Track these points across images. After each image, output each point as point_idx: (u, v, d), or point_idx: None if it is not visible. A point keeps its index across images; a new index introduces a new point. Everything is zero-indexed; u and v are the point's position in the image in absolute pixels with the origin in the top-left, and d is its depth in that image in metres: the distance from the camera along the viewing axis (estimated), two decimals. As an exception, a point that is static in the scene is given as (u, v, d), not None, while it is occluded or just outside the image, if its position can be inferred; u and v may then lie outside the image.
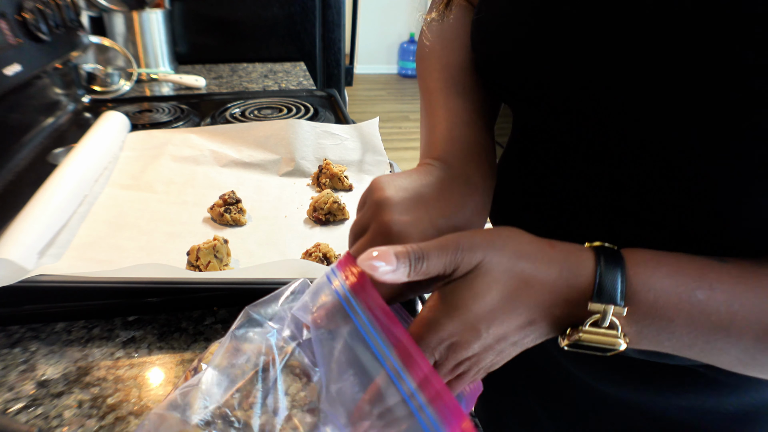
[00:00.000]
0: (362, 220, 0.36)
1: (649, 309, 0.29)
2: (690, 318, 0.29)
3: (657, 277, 0.30)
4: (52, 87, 1.00)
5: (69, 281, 0.51)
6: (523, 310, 0.30)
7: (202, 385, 0.35)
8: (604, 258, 0.30)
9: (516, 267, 0.30)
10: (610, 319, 0.29)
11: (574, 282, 0.30)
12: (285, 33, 1.59)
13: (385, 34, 5.14)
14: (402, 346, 0.30)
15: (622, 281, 0.29)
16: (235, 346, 0.37)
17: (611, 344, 0.30)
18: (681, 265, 0.30)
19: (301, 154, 0.83)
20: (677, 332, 0.30)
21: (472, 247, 0.29)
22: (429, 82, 0.46)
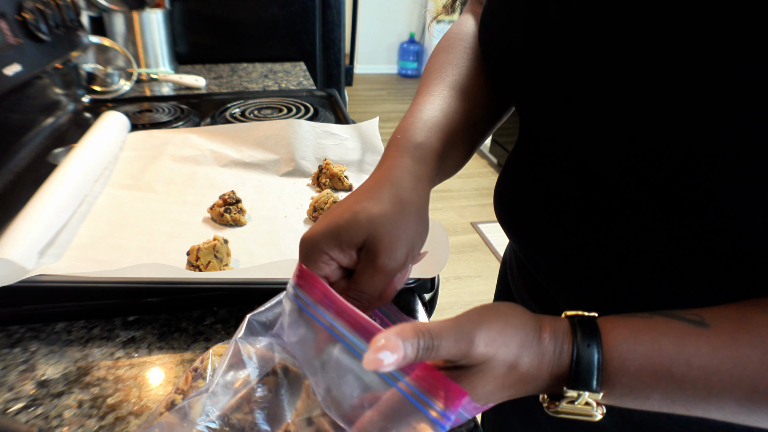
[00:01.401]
0: None
1: (624, 390, 0.31)
2: (665, 395, 0.30)
3: (633, 358, 0.30)
4: (52, 87, 1.00)
5: (69, 281, 0.51)
6: (508, 394, 0.32)
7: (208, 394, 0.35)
8: (581, 337, 0.31)
9: (518, 363, 0.30)
10: (586, 400, 0.31)
11: (556, 371, 0.31)
12: (285, 33, 1.59)
13: (385, 34, 5.14)
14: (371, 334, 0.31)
15: (598, 368, 0.30)
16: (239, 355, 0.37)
17: (587, 415, 0.32)
18: (658, 339, 0.30)
19: (301, 154, 0.83)
20: (655, 405, 0.31)
21: (488, 343, 0.30)
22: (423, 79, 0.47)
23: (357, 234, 0.35)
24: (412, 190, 0.38)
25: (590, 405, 0.31)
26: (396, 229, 0.36)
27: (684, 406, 0.30)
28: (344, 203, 0.37)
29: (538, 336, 0.31)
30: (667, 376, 0.30)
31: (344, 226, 0.35)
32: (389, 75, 5.30)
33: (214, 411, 0.34)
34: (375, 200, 0.36)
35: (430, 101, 0.44)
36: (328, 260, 0.35)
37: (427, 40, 5.04)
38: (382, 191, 0.37)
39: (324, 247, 0.35)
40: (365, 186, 0.38)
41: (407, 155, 0.40)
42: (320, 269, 0.35)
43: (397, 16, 5.06)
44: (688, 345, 0.30)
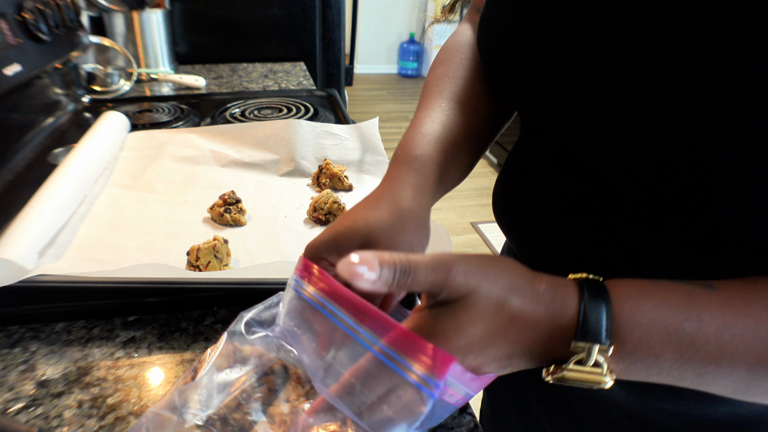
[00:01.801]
0: None
1: (636, 346, 0.29)
2: (678, 352, 0.28)
3: (643, 311, 0.29)
4: (52, 87, 1.00)
5: (69, 281, 0.51)
6: (504, 346, 0.29)
7: (201, 388, 0.35)
8: (588, 293, 0.30)
9: (506, 302, 0.29)
10: (595, 357, 0.29)
11: (558, 321, 0.29)
12: (285, 33, 1.59)
13: (385, 34, 5.14)
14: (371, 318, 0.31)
15: (607, 318, 0.29)
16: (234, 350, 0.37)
17: (596, 382, 0.29)
18: (667, 296, 0.30)
19: (301, 154, 0.83)
20: (666, 366, 0.29)
21: (467, 273, 0.29)
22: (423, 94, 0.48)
23: (354, 239, 0.35)
24: (411, 199, 0.39)
25: (599, 367, 0.29)
26: (394, 234, 0.36)
27: (695, 369, 0.29)
28: (346, 214, 0.38)
29: (531, 283, 0.30)
30: (679, 331, 0.28)
31: (342, 232, 0.36)
32: (389, 75, 5.30)
33: (208, 409, 0.34)
34: (373, 209, 0.37)
35: (429, 115, 0.45)
36: (327, 266, 0.36)
37: (427, 40, 5.04)
38: (381, 201, 0.38)
39: (324, 254, 0.36)
40: (366, 198, 0.40)
41: (406, 167, 0.41)
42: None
43: (397, 16, 5.06)
44: (699, 302, 0.29)
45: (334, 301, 0.33)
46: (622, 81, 0.31)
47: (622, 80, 0.31)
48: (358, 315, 0.32)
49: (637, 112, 0.31)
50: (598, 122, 0.34)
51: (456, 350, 0.29)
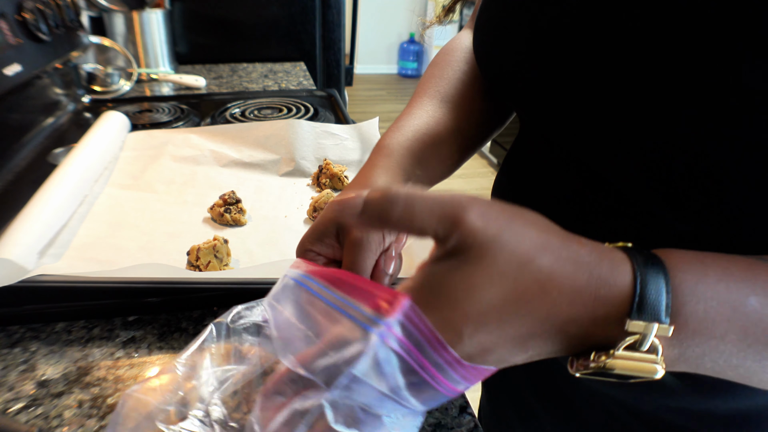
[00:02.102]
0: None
1: (699, 325, 0.24)
2: (744, 332, 0.24)
3: (707, 283, 0.24)
4: (52, 87, 1.00)
5: (69, 281, 0.51)
6: (527, 321, 0.23)
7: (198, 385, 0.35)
8: (643, 263, 0.24)
9: (535, 260, 0.23)
10: (652, 340, 0.24)
11: (606, 294, 0.24)
12: (285, 33, 1.59)
13: (385, 34, 5.14)
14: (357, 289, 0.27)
15: (668, 292, 0.24)
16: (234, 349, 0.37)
17: (647, 371, 0.24)
18: (729, 267, 0.25)
19: (301, 154, 0.83)
20: (726, 352, 0.24)
21: (486, 216, 0.23)
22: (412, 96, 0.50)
23: (330, 223, 0.36)
24: (376, 177, 0.41)
25: (654, 353, 0.24)
26: None
27: (758, 353, 0.25)
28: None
29: (568, 242, 0.25)
30: (745, 305, 0.24)
31: (321, 221, 0.37)
32: (389, 75, 5.31)
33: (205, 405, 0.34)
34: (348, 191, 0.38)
35: (409, 112, 0.48)
36: (314, 256, 0.37)
37: (427, 40, 5.04)
38: (351, 189, 0.40)
39: (307, 245, 0.37)
40: (343, 190, 0.42)
41: (376, 154, 0.45)
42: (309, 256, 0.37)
43: (397, 17, 5.06)
44: (761, 274, 0.25)
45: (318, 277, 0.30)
46: (619, 80, 0.31)
47: (619, 79, 0.31)
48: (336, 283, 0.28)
49: (635, 111, 0.31)
50: (596, 122, 0.34)
51: (466, 319, 0.23)
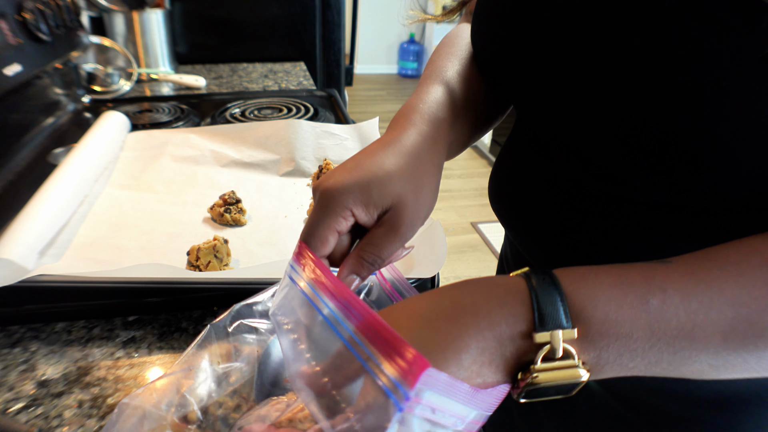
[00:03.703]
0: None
1: (602, 326, 0.26)
2: (649, 329, 0.26)
3: (601, 289, 0.27)
4: (52, 87, 1.00)
5: (69, 281, 0.51)
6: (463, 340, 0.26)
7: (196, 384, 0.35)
8: (535, 280, 0.28)
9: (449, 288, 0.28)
10: (563, 346, 0.26)
11: (508, 312, 0.27)
12: (285, 33, 1.59)
13: (385, 34, 5.14)
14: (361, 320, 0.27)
15: (562, 300, 0.27)
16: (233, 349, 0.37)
17: (571, 377, 0.27)
18: (623, 274, 0.28)
19: (301, 154, 0.83)
20: (639, 349, 0.27)
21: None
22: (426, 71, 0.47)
23: (388, 196, 0.33)
24: (435, 163, 0.37)
25: (570, 358, 0.27)
26: (421, 197, 0.35)
27: (670, 347, 0.27)
28: (371, 158, 0.35)
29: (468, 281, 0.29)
30: (645, 304, 0.26)
31: (376, 184, 0.33)
32: (389, 75, 5.30)
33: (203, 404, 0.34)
34: (405, 164, 0.35)
35: (435, 85, 0.44)
36: (348, 216, 0.33)
37: (428, 40, 5.04)
38: (409, 156, 0.36)
39: (349, 202, 0.33)
40: (389, 145, 0.36)
41: (423, 124, 0.39)
42: (338, 223, 0.33)
43: (397, 17, 5.06)
44: (657, 276, 0.27)
45: (320, 289, 0.31)
46: (607, 65, 0.32)
47: (607, 64, 0.32)
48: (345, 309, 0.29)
49: (623, 96, 0.31)
50: (585, 107, 0.34)
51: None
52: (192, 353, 0.37)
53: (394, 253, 0.35)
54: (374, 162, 0.35)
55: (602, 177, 0.38)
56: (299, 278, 0.33)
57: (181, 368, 0.35)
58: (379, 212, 0.34)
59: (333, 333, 0.28)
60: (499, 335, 0.27)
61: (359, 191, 0.33)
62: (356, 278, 0.34)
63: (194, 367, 0.36)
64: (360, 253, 0.35)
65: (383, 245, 0.34)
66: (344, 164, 0.35)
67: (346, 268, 0.34)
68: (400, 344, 0.25)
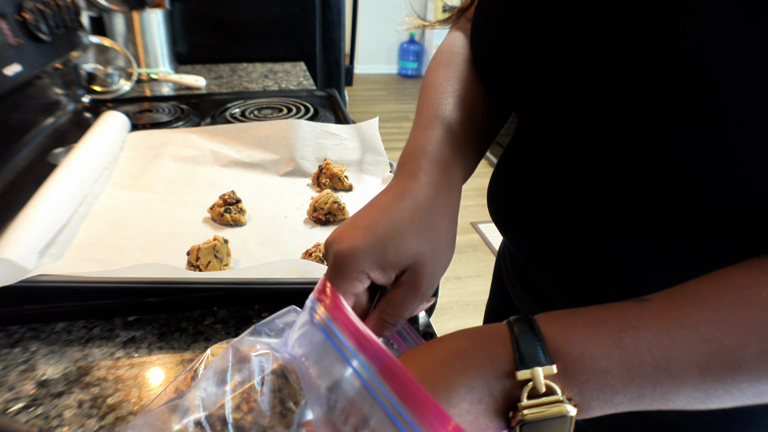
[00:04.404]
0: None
1: (579, 362, 0.28)
2: (625, 364, 0.27)
3: (575, 329, 0.29)
4: (52, 87, 1.00)
5: (69, 281, 0.51)
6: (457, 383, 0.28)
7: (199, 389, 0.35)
8: (516, 325, 0.30)
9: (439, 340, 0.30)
10: (545, 383, 0.28)
11: (491, 354, 0.29)
12: (285, 33, 1.59)
13: (385, 34, 5.14)
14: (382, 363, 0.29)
15: (539, 340, 0.28)
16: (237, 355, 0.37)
17: (558, 413, 0.27)
18: (597, 315, 0.29)
19: (301, 154, 0.83)
20: (618, 384, 0.28)
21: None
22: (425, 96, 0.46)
23: (404, 257, 0.33)
24: (450, 215, 0.37)
25: (554, 394, 0.28)
26: (439, 253, 0.35)
27: (649, 383, 0.27)
28: (385, 216, 0.34)
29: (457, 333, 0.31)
30: (618, 342, 0.28)
31: (392, 246, 0.33)
32: (389, 75, 5.30)
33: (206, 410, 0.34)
34: (420, 221, 0.35)
35: (437, 123, 0.42)
36: (364, 279, 0.33)
37: (428, 40, 5.04)
38: (424, 211, 0.35)
39: (364, 265, 0.33)
40: (402, 198, 0.36)
41: (434, 170, 0.38)
42: (354, 287, 0.33)
43: (397, 17, 5.06)
44: (631, 315, 0.29)
45: (344, 332, 0.31)
46: (608, 68, 0.32)
47: (608, 67, 0.32)
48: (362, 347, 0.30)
49: (626, 99, 0.31)
50: (585, 109, 0.34)
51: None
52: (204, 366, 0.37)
53: (415, 311, 0.35)
54: (388, 221, 0.34)
55: (601, 185, 0.38)
56: (319, 317, 0.33)
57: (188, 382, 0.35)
58: (396, 273, 0.34)
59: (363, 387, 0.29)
60: (484, 375, 0.28)
61: (374, 254, 0.33)
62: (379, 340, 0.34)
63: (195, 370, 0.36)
64: (381, 316, 0.34)
65: (404, 306, 0.34)
66: (356, 222, 0.35)
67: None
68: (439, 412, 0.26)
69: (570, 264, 0.42)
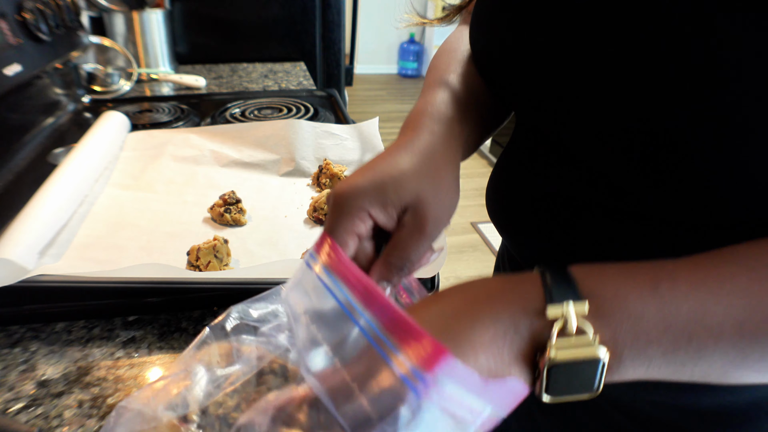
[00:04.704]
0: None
1: (613, 302, 0.26)
2: (660, 311, 0.26)
3: (608, 275, 0.27)
4: (52, 87, 1.00)
5: (69, 281, 0.51)
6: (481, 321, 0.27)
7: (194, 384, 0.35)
8: (545, 269, 0.28)
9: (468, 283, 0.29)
10: (576, 321, 0.26)
11: (520, 290, 0.27)
12: (285, 33, 1.59)
13: (385, 34, 5.14)
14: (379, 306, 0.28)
15: (571, 280, 0.27)
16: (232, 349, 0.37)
17: (591, 355, 0.26)
18: (630, 265, 0.28)
19: (301, 154, 0.83)
20: (653, 333, 0.26)
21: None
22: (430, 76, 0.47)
23: (405, 194, 0.33)
24: (450, 160, 0.37)
25: (585, 334, 0.26)
26: (441, 194, 0.34)
27: (685, 333, 0.26)
28: (385, 160, 0.35)
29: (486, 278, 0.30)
30: (654, 287, 0.26)
31: (391, 183, 0.32)
32: (389, 75, 5.30)
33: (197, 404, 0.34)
34: (419, 160, 0.34)
35: (439, 88, 0.43)
36: (366, 218, 0.33)
37: (428, 40, 5.04)
38: (423, 155, 0.35)
39: (365, 203, 0.32)
40: (402, 147, 0.36)
41: (434, 124, 0.38)
42: (355, 225, 0.33)
43: (397, 17, 5.06)
44: (666, 266, 0.27)
45: (343, 280, 0.30)
46: (609, 67, 0.32)
47: (609, 66, 0.32)
48: (362, 297, 0.29)
49: (627, 100, 0.31)
50: (585, 110, 0.34)
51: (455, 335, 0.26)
52: (190, 354, 0.37)
53: (422, 256, 0.34)
54: (388, 163, 0.34)
55: (601, 186, 0.38)
56: (316, 264, 0.32)
57: (179, 370, 0.35)
58: (398, 212, 0.33)
59: (349, 320, 0.28)
60: (511, 310, 0.27)
61: (374, 191, 0.32)
62: (386, 285, 0.34)
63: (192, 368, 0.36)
64: (387, 258, 0.34)
65: (410, 247, 0.33)
66: (357, 169, 0.35)
67: (374, 275, 0.34)
68: (419, 333, 0.25)
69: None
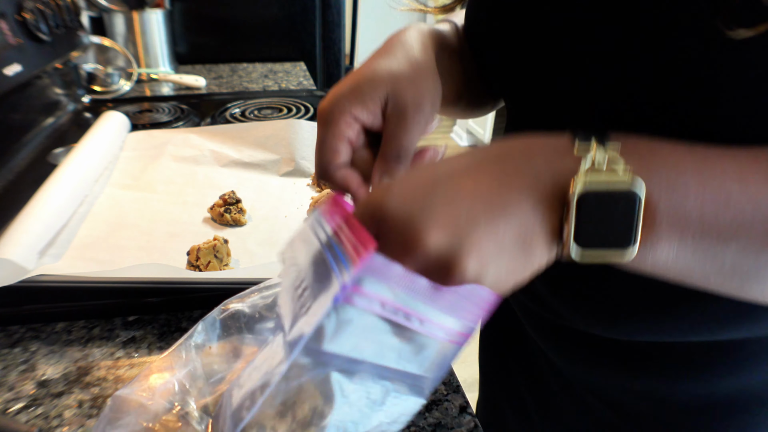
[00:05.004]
0: None
1: (648, 147, 0.25)
2: (696, 166, 0.24)
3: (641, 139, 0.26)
4: (52, 87, 1.00)
5: (69, 281, 0.51)
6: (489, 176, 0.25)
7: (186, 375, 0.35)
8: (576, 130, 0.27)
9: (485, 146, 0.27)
10: (608, 155, 0.24)
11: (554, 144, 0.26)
12: (285, 33, 1.59)
13: (385, 34, 5.12)
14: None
15: (605, 133, 0.25)
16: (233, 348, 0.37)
17: (624, 185, 0.23)
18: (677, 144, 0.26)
19: (301, 154, 0.83)
20: (690, 183, 0.24)
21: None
22: None
23: (380, 87, 0.33)
24: (423, 52, 0.38)
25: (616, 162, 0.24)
26: (418, 81, 0.35)
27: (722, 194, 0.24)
28: (359, 69, 0.36)
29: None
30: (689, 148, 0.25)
31: (365, 81, 0.34)
32: (389, 75, 5.31)
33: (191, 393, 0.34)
34: (391, 58, 0.36)
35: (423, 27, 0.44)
36: (351, 120, 0.34)
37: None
38: (395, 53, 0.36)
39: (346, 106, 0.33)
40: (374, 55, 0.37)
41: (411, 30, 0.40)
42: (343, 132, 0.34)
43: (397, 17, 5.06)
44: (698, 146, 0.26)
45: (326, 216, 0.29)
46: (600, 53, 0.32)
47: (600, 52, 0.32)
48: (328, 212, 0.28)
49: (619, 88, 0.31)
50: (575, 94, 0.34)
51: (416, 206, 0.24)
52: (183, 346, 0.37)
53: (414, 140, 0.34)
54: (361, 68, 0.35)
55: None
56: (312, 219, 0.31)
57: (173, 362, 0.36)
58: (380, 107, 0.34)
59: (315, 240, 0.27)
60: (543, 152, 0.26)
61: (351, 93, 0.34)
62: (389, 179, 0.33)
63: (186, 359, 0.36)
64: (381, 154, 0.34)
65: (399, 134, 0.34)
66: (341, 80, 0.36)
67: (375, 174, 0.34)
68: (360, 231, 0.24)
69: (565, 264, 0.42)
